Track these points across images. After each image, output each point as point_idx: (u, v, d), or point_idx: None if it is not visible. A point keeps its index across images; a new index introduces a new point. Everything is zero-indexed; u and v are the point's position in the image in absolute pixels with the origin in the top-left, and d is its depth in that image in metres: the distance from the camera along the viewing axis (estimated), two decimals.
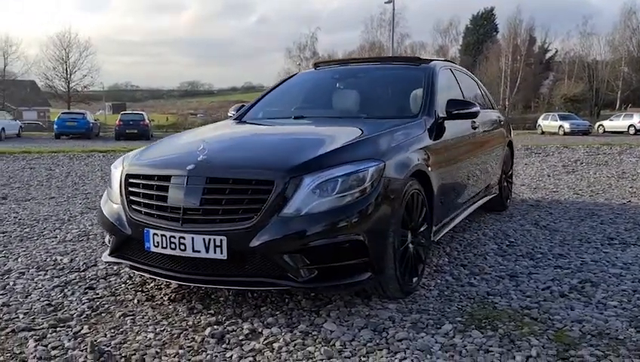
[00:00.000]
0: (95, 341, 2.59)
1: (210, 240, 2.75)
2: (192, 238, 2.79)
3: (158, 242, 2.88)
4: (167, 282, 3.34)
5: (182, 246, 2.81)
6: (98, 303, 3.13)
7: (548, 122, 35.39)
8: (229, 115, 4.69)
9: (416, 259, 3.31)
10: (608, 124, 35.06)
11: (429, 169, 3.47)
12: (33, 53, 72.81)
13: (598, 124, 36.53)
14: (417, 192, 3.28)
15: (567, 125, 33.04)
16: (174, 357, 2.45)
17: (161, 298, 3.21)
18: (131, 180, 3.11)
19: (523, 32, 63.09)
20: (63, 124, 28.43)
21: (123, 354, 2.47)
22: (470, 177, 4.52)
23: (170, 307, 3.07)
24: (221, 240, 2.74)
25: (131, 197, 3.07)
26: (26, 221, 5.49)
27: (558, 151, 13.63)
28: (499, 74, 59.52)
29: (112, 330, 2.75)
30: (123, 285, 3.45)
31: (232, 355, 2.46)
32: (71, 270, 3.78)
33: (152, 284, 3.43)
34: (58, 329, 2.77)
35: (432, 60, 4.60)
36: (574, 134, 31.37)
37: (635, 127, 31.98)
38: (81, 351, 2.51)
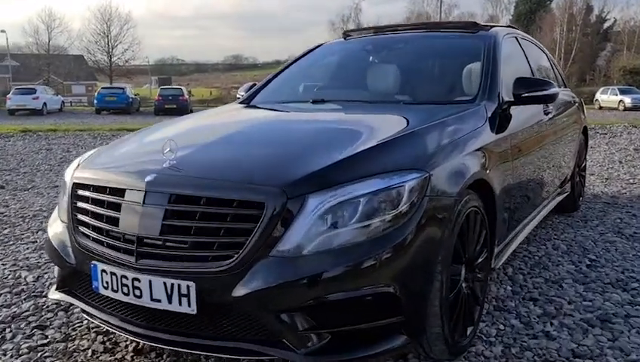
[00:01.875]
0: None
1: (173, 285, 1.90)
2: (150, 281, 1.94)
3: (107, 282, 2.05)
4: None
5: (136, 292, 1.97)
6: (38, 355, 2.33)
7: (607, 96, 33.08)
8: (238, 96, 3.80)
9: (471, 301, 2.39)
10: None
11: (490, 175, 2.52)
12: (76, 28, 73.39)
13: None
14: (476, 211, 2.34)
15: (628, 100, 30.73)
16: None
17: (125, 348, 2.39)
18: (80, 191, 2.27)
19: (579, 1, 59.73)
20: (102, 99, 28.16)
21: None
22: (541, 178, 3.52)
23: None
24: (188, 287, 1.88)
25: (79, 216, 2.24)
26: (11, 218, 4.76)
27: (627, 131, 12.20)
28: (552, 45, 56.50)
29: None
30: (85, 322, 2.65)
31: None
32: (29, 294, 3.01)
33: None
34: None
35: (492, 26, 3.57)
36: (637, 109, 29.14)
37: None
38: None
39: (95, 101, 28.80)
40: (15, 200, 5.59)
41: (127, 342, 2.43)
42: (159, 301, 1.93)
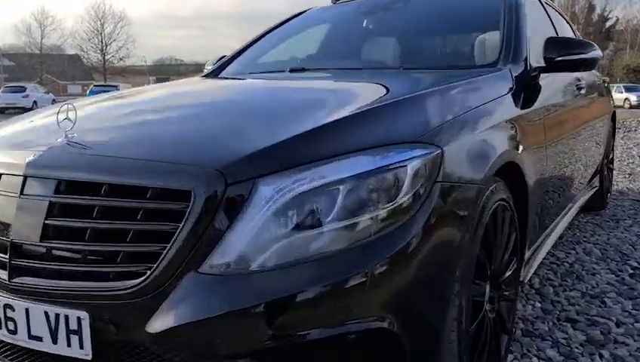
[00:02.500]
0: None
1: (58, 317, 1.26)
2: (27, 310, 1.29)
3: None
4: None
5: (9, 325, 1.32)
6: None
7: (612, 94, 32.43)
8: (205, 69, 3.16)
9: (497, 329, 1.74)
10: None
11: (522, 158, 1.87)
12: (69, 26, 72.76)
13: None
14: (504, 205, 1.69)
15: (633, 98, 30.17)
16: None
17: None
18: None
19: (581, 0, 59.08)
20: None
21: None
22: (575, 167, 2.87)
23: None
24: (79, 320, 1.23)
25: None
26: None
27: None
28: None
29: None
30: None
31: None
32: None
33: None
34: None
35: None
36: None
37: None
38: None
39: None
40: None
41: None
42: (40, 339, 1.28)
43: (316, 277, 1.20)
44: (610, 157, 4.43)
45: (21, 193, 1.34)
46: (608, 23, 64.29)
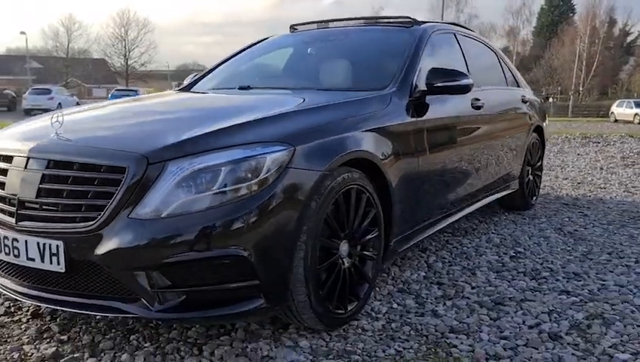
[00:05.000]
0: None
1: (45, 244, 2.03)
2: (26, 241, 2.07)
3: None
4: None
5: (15, 251, 2.11)
6: None
7: (622, 109, 32.64)
8: (184, 84, 3.95)
9: (355, 277, 2.47)
10: None
11: (384, 157, 2.60)
12: (94, 31, 74.98)
13: None
14: (360, 189, 2.42)
15: None
16: None
17: (26, 312, 2.53)
18: None
19: (602, 14, 59.09)
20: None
21: None
22: (468, 170, 3.58)
23: (23, 327, 2.38)
24: (57, 246, 2.01)
25: None
26: None
27: (621, 141, 12.08)
28: (573, 58, 55.97)
29: None
30: None
31: None
32: None
33: None
34: None
35: (428, 22, 3.68)
36: None
37: None
38: None
39: None
40: None
41: (30, 307, 2.56)
42: (33, 260, 2.06)
43: (199, 223, 1.95)
44: (538, 165, 5.09)
45: (25, 168, 2.12)
46: (629, 38, 64.14)
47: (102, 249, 1.95)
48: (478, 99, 3.67)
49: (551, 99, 48.44)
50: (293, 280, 2.13)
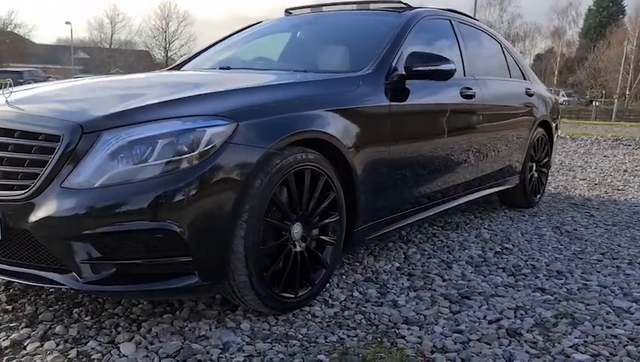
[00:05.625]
0: None
1: None
2: None
3: None
4: None
5: None
6: None
7: None
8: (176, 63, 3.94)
9: (308, 261, 2.40)
10: None
11: (357, 141, 2.52)
12: (137, 24, 76.49)
13: None
14: (316, 170, 2.35)
15: None
16: None
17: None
18: None
19: None
20: None
21: None
22: (452, 162, 3.44)
23: None
24: None
25: None
26: None
27: None
28: (619, 60, 54.23)
29: None
30: None
31: None
32: None
33: None
34: None
35: (420, 8, 3.56)
36: None
37: None
38: None
39: None
40: None
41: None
42: None
43: (131, 194, 1.91)
44: (544, 162, 4.89)
45: None
46: None
47: (33, 217, 1.93)
48: (470, 88, 3.53)
49: (595, 103, 46.92)
50: (234, 259, 2.07)
